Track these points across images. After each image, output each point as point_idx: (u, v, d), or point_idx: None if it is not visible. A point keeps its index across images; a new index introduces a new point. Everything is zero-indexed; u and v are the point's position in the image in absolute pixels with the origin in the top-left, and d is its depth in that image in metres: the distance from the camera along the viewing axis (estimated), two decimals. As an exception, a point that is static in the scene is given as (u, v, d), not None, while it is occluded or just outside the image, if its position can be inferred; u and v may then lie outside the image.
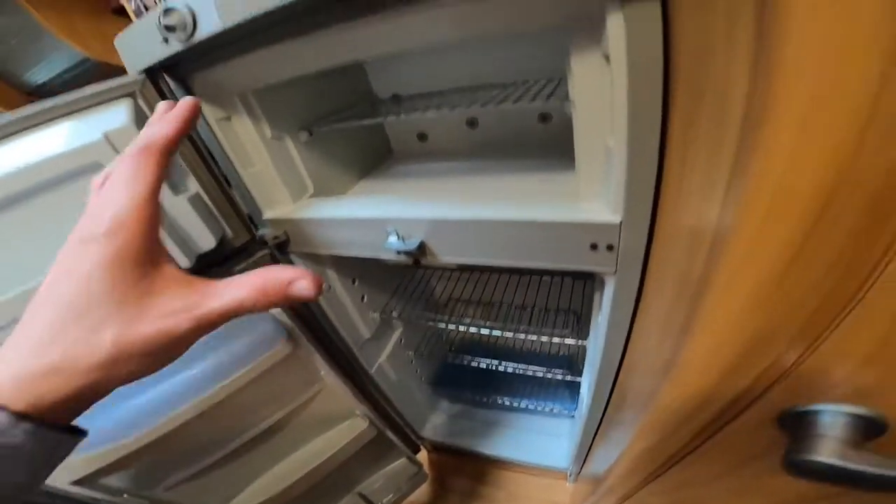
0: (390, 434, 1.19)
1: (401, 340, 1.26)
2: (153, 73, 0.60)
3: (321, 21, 0.50)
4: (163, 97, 0.62)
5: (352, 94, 0.92)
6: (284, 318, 0.83)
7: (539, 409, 1.33)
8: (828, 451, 0.28)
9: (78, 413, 0.26)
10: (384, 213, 0.64)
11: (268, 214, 0.78)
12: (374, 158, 1.00)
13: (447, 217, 0.59)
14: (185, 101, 0.31)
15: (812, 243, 0.21)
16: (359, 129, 0.88)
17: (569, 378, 1.10)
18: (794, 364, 0.26)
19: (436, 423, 1.49)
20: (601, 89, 0.44)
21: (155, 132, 0.29)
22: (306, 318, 0.91)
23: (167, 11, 0.49)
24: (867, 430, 0.29)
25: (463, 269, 1.33)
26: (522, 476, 1.38)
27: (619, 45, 0.37)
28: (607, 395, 0.78)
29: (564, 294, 1.24)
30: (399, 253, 0.65)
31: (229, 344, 0.76)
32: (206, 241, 0.66)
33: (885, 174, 0.17)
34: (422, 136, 0.99)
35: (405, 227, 0.63)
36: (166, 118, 0.30)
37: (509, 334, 0.98)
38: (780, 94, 0.18)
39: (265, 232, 0.79)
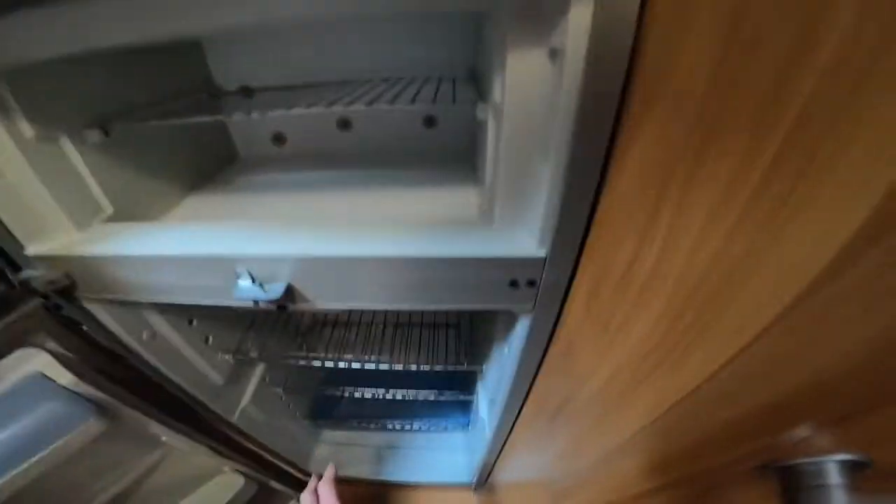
0: (274, 483, 0.99)
1: (265, 379, 1.03)
2: None
3: None
4: None
5: (180, 83, 0.68)
6: (91, 390, 0.57)
7: (431, 428, 1.25)
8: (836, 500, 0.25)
9: None
10: (231, 250, 0.46)
11: (33, 250, 0.51)
12: (209, 165, 0.76)
13: (324, 255, 0.44)
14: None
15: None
16: (187, 127, 0.65)
17: (459, 399, 1.04)
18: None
19: (322, 454, 1.29)
20: (538, 92, 0.35)
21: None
22: (127, 380, 0.65)
23: None
24: (855, 469, 0.27)
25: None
26: (424, 493, 1.29)
27: (581, 33, 0.28)
28: (514, 416, 0.73)
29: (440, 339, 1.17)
30: (257, 303, 0.47)
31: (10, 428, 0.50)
32: None
33: None
34: (278, 138, 0.79)
35: (262, 267, 0.46)
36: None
37: (397, 366, 0.86)
38: None
39: (31, 275, 0.51)
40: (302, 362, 0.89)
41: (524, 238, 0.43)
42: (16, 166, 0.48)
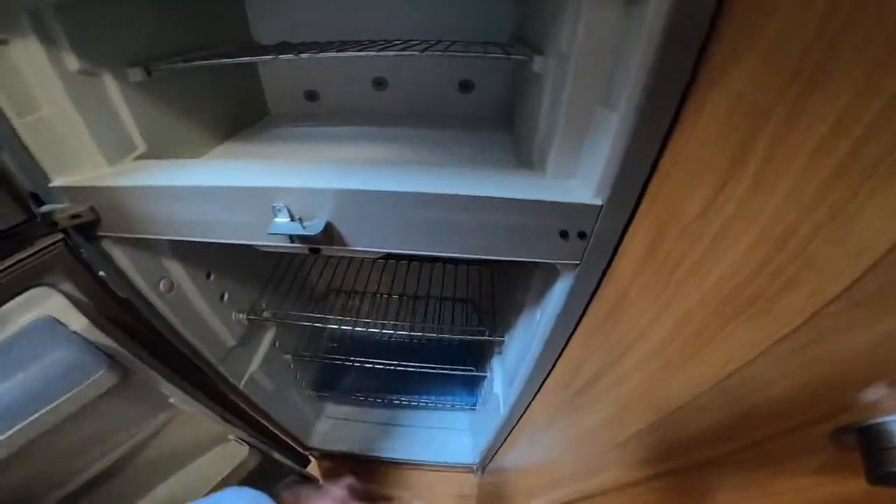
0: (277, 455, 0.98)
1: (275, 343, 1.02)
2: None
3: None
4: None
5: (221, 34, 0.67)
6: (104, 338, 0.55)
7: (437, 405, 1.24)
8: None
9: None
10: (272, 181, 0.44)
11: (60, 181, 0.50)
12: (240, 117, 0.74)
13: (367, 188, 0.42)
14: None
15: None
16: (222, 76, 0.64)
17: (472, 373, 1.03)
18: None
19: (323, 429, 1.28)
20: (608, 41, 0.34)
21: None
22: (140, 332, 0.64)
23: None
24: None
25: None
26: (425, 473, 1.28)
27: None
28: (533, 393, 0.71)
29: (460, 282, 1.17)
30: (293, 239, 0.45)
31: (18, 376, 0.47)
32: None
33: None
34: (311, 95, 0.77)
35: (301, 201, 0.44)
36: None
37: (415, 332, 0.85)
38: None
39: (54, 208, 0.50)
40: (317, 325, 0.87)
41: (579, 188, 0.41)
42: (55, 98, 0.48)
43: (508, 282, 0.89)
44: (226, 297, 0.82)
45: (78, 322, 0.53)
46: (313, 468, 1.29)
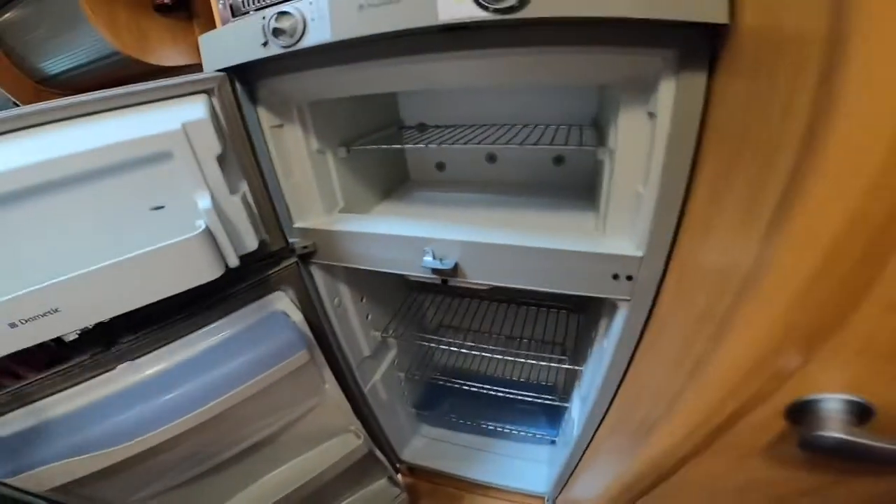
0: (378, 453, 1.20)
1: (394, 361, 1.29)
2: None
3: (399, 50, 0.57)
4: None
5: (384, 119, 1.00)
6: (305, 327, 0.85)
7: (520, 433, 1.37)
8: (834, 428, 0.36)
9: None
10: (423, 233, 0.71)
11: (299, 224, 0.82)
12: (393, 182, 1.07)
13: (483, 241, 0.67)
14: None
15: (824, 276, 0.29)
16: (386, 152, 0.95)
17: (556, 403, 1.17)
18: (804, 362, 0.35)
19: (416, 446, 1.50)
20: (641, 142, 0.53)
21: None
22: (319, 330, 0.94)
23: (281, 15, 0.55)
24: (860, 415, 0.38)
25: (460, 296, 1.38)
26: (498, 501, 1.40)
27: (667, 105, 0.47)
28: (600, 418, 0.85)
29: (550, 326, 1.33)
30: (434, 271, 0.71)
31: (253, 347, 0.77)
32: (251, 240, 0.70)
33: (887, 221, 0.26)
34: (440, 166, 1.07)
35: (442, 247, 0.70)
36: None
37: (506, 357, 1.04)
38: (830, 158, 0.27)
39: (296, 241, 0.83)
40: (428, 344, 1.12)
41: (626, 245, 0.60)
42: (303, 168, 0.79)
43: (587, 324, 1.04)
44: (369, 317, 1.11)
45: (296, 316, 0.85)
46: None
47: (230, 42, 0.63)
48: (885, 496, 0.42)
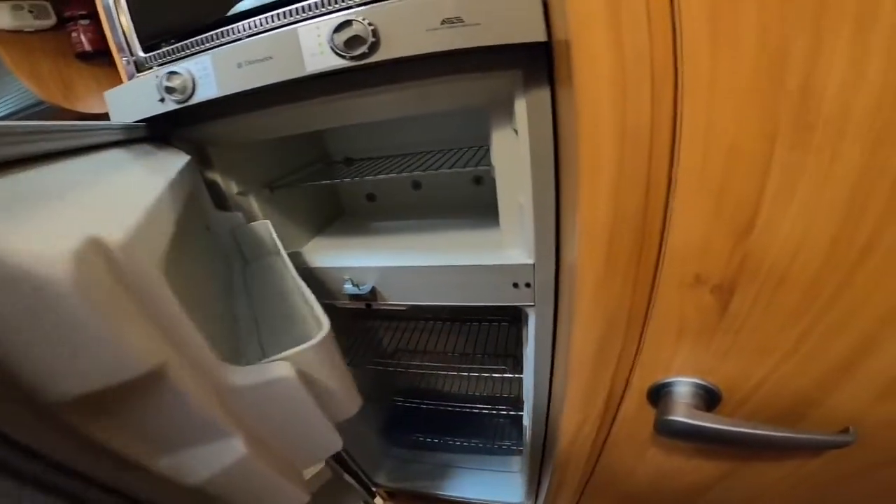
0: (348, 478, 1.19)
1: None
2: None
3: (304, 94, 0.61)
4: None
5: (309, 156, 1.03)
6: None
7: (489, 446, 1.39)
8: (680, 412, 0.40)
9: None
10: (342, 263, 0.74)
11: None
12: (327, 216, 1.10)
13: (394, 265, 0.70)
14: None
15: (610, 262, 0.34)
16: (316, 189, 0.99)
17: (513, 413, 1.19)
18: (638, 345, 0.39)
19: (389, 468, 1.49)
20: (513, 157, 0.58)
21: None
22: None
23: (171, 74, 0.58)
24: (708, 400, 0.42)
25: (409, 319, 1.41)
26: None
27: (524, 121, 0.52)
28: (544, 419, 0.88)
29: (500, 339, 1.36)
30: (354, 297, 0.73)
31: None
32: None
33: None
34: (371, 197, 1.11)
35: (359, 274, 0.73)
36: None
37: (452, 372, 1.06)
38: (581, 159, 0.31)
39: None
40: (380, 368, 1.14)
41: (519, 254, 0.64)
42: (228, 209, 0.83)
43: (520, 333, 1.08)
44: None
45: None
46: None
47: (132, 98, 0.65)
48: (792, 474, 0.45)
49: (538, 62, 0.49)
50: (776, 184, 0.26)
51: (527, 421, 1.03)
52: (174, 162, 0.61)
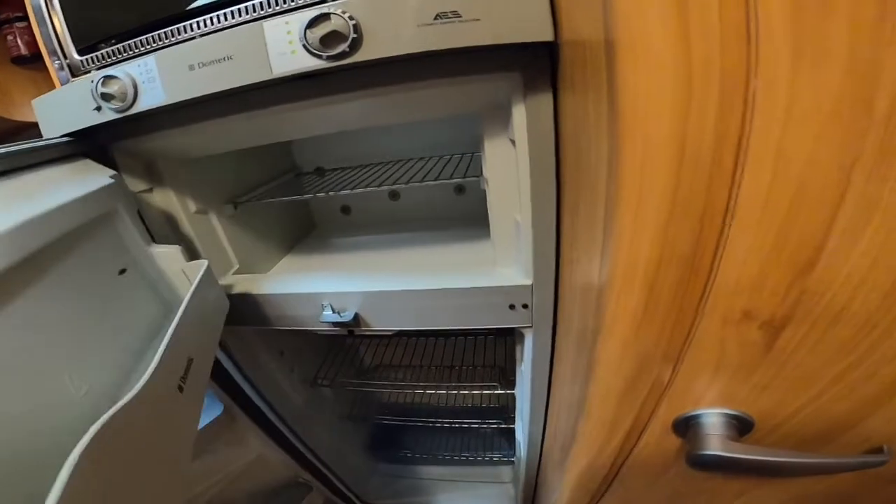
0: (336, 498, 1.15)
1: (334, 408, 1.22)
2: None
3: (264, 101, 0.53)
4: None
5: (276, 167, 0.95)
6: (222, 394, 0.79)
7: (479, 458, 1.35)
8: (717, 446, 0.37)
9: None
10: (319, 289, 0.67)
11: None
12: (298, 232, 1.01)
13: (379, 289, 0.64)
14: None
15: (651, 301, 0.30)
16: (285, 203, 0.91)
17: (503, 426, 1.15)
18: (669, 380, 0.35)
19: (377, 485, 1.42)
20: (509, 169, 0.53)
21: None
22: (236, 392, 0.87)
23: (107, 78, 0.49)
24: (741, 429, 0.39)
25: (392, 335, 1.34)
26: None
27: (523, 129, 0.47)
28: (540, 436, 0.84)
29: (489, 351, 1.32)
30: (335, 325, 0.67)
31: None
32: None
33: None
34: (345, 210, 1.04)
35: (340, 300, 0.66)
36: None
37: (441, 391, 1.01)
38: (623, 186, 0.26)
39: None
40: (361, 389, 1.07)
41: (516, 274, 0.60)
42: (183, 232, 0.72)
43: (513, 348, 1.04)
44: (294, 369, 1.04)
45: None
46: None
47: (63, 107, 0.56)
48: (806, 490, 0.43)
49: (540, 64, 0.44)
50: (847, 218, 0.23)
51: (520, 436, 1.00)
52: (69, 190, 0.51)
